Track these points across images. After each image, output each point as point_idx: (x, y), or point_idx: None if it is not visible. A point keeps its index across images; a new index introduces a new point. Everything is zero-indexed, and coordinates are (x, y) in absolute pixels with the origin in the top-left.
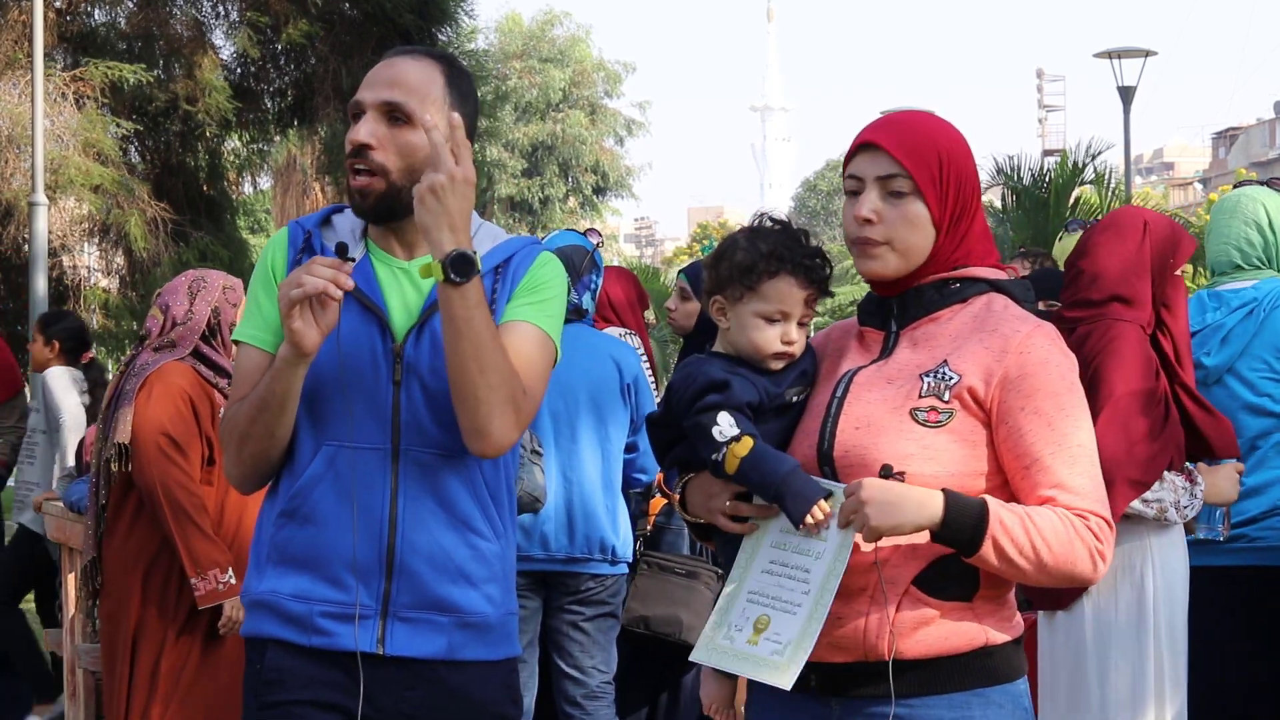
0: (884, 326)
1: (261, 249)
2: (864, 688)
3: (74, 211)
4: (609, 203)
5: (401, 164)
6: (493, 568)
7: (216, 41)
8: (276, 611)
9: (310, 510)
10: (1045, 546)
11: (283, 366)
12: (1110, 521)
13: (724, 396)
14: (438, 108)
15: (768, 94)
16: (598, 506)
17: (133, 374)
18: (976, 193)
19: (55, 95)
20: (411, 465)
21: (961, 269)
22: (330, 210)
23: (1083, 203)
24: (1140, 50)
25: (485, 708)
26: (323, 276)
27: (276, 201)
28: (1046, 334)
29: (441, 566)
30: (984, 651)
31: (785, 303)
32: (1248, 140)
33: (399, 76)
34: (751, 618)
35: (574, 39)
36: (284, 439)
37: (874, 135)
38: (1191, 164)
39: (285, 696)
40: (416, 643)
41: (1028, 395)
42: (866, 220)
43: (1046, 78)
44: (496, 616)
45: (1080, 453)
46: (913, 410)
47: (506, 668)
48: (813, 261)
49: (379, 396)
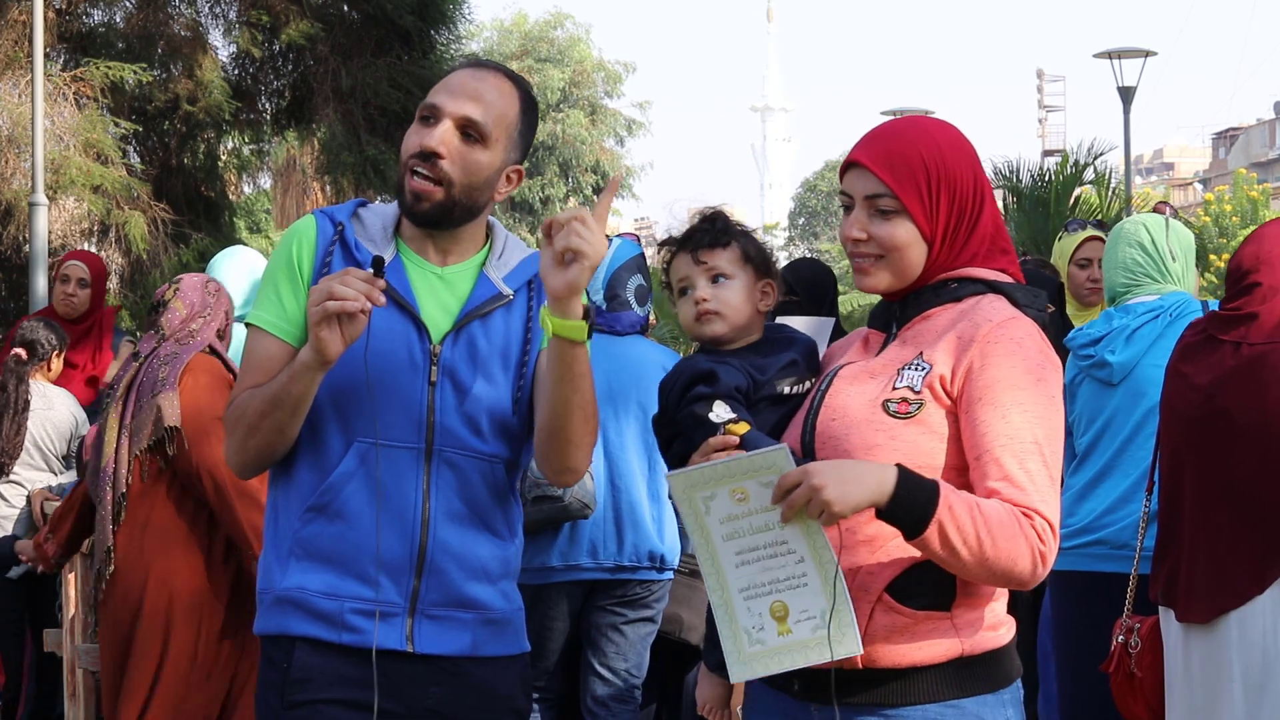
0: (886, 328)
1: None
2: (843, 695)
3: (74, 211)
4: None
5: (465, 180)
6: (508, 566)
7: (215, 42)
8: (305, 608)
9: (341, 506)
10: (990, 539)
11: (302, 370)
12: (1054, 525)
13: (713, 386)
14: (508, 133)
15: (768, 94)
16: (645, 515)
17: (162, 362)
18: (979, 195)
19: (55, 95)
20: (443, 465)
21: (963, 270)
22: (357, 204)
23: (1082, 203)
24: (1140, 50)
25: (504, 701)
26: (358, 291)
27: (276, 202)
28: (1021, 327)
29: (468, 565)
30: (960, 662)
31: (680, 272)
32: (1248, 140)
33: (483, 94)
34: (763, 612)
35: (574, 39)
36: (293, 437)
37: (859, 153)
38: (1191, 164)
39: (314, 695)
40: (443, 640)
41: (987, 386)
42: (856, 239)
43: (1046, 78)
44: (511, 612)
45: (1032, 449)
46: (885, 402)
47: (521, 662)
48: (692, 227)
49: (415, 396)
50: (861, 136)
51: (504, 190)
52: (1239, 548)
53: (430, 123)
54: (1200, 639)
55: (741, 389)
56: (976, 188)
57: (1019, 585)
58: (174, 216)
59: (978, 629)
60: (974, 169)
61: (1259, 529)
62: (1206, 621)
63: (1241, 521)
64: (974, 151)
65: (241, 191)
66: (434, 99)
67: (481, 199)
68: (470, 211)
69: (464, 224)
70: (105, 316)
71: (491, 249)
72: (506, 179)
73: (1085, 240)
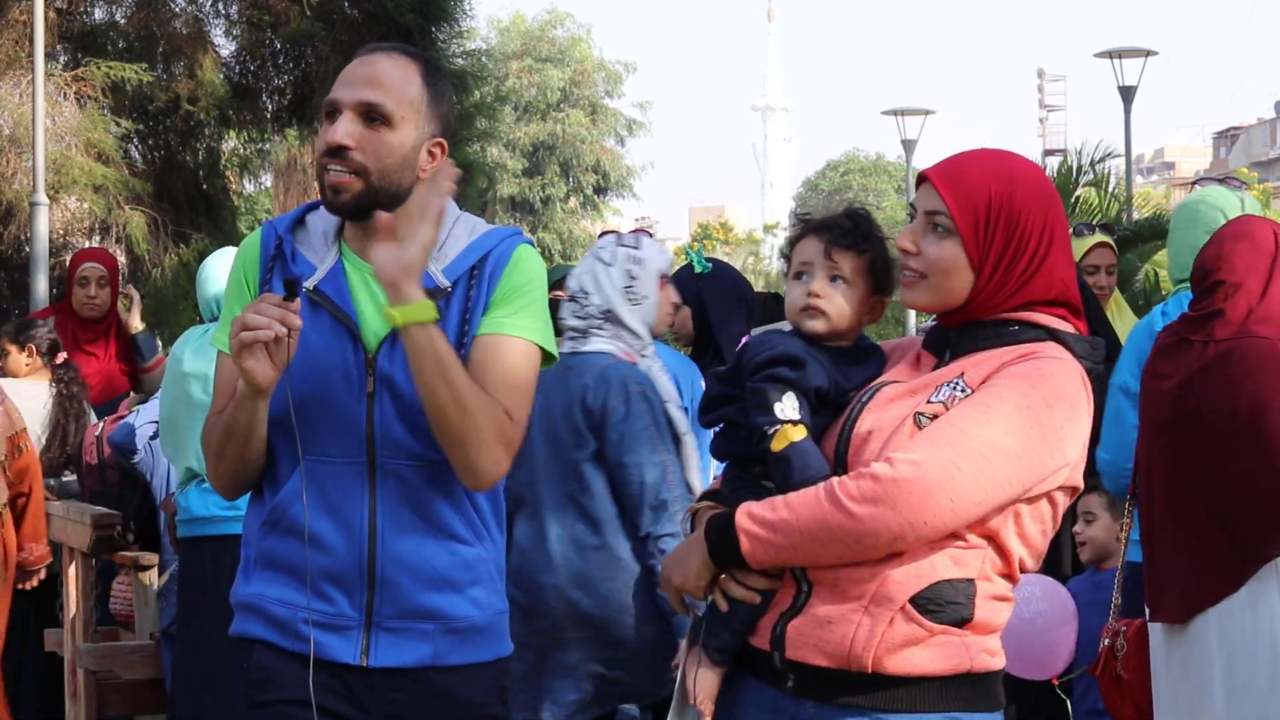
0: (939, 354)
1: None
2: (842, 696)
3: (75, 211)
4: (610, 203)
5: (379, 165)
6: (476, 571)
7: (216, 40)
8: (263, 614)
9: (290, 523)
10: (794, 515)
11: (243, 400)
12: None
13: (798, 375)
14: (415, 109)
15: (768, 94)
16: None
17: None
18: (1046, 238)
19: (56, 95)
20: (389, 478)
21: (1023, 311)
22: (306, 208)
23: (1082, 203)
24: (1141, 50)
25: (473, 709)
26: (271, 317)
27: (277, 201)
28: (1061, 364)
29: (424, 576)
30: (968, 677)
31: (804, 255)
32: (1248, 140)
33: (377, 76)
34: None
35: (574, 39)
36: (258, 460)
37: (933, 169)
38: (1192, 164)
39: (273, 696)
40: (401, 652)
41: (988, 388)
42: (905, 250)
43: (1047, 78)
44: (484, 619)
45: (954, 437)
46: (917, 414)
47: (497, 668)
48: (836, 218)
49: (352, 410)
50: (945, 158)
51: (429, 166)
52: (1213, 547)
53: (334, 118)
54: (1180, 639)
55: (821, 390)
56: (1045, 230)
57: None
58: (175, 216)
59: (982, 649)
60: (1047, 211)
61: (1232, 527)
62: (1182, 621)
63: (1215, 520)
64: (1054, 196)
65: (243, 190)
66: (333, 94)
67: (404, 180)
68: (396, 196)
69: (393, 209)
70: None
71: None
72: (429, 154)
73: (1094, 246)
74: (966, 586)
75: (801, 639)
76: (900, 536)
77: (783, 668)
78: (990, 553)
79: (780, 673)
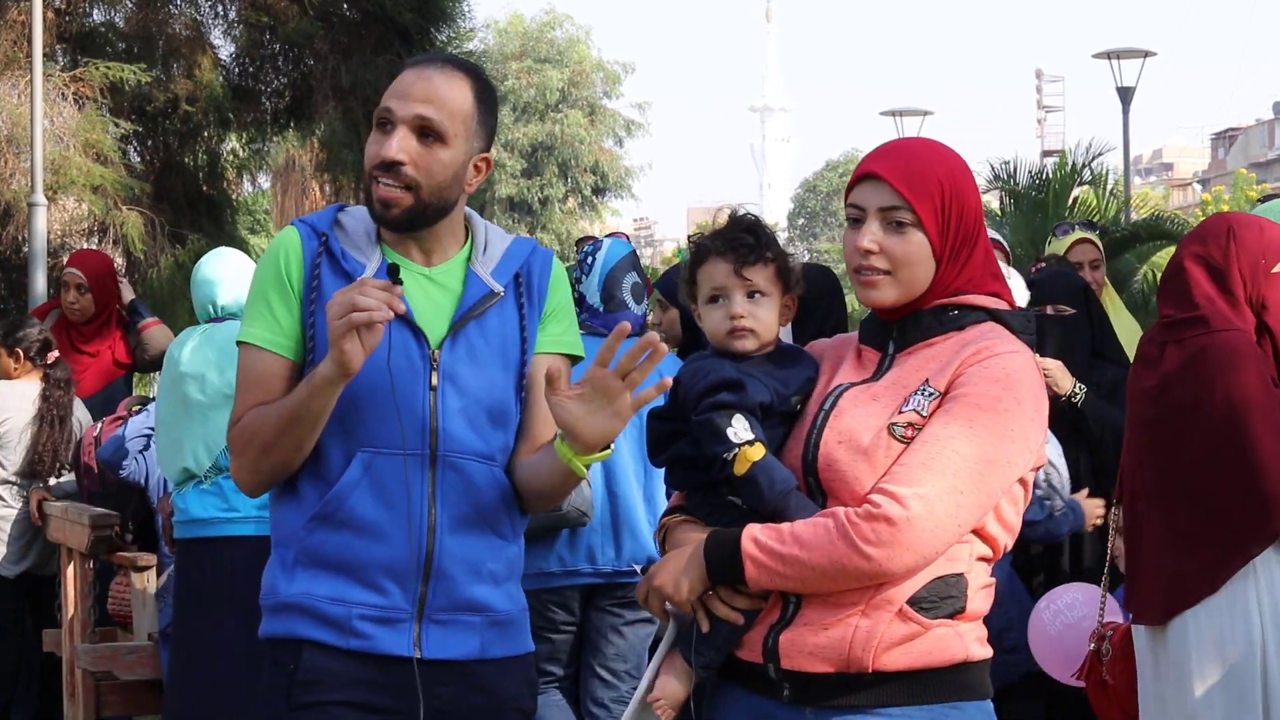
0: (882, 348)
1: (261, 248)
2: (841, 697)
3: (73, 211)
4: (608, 203)
5: (431, 181)
6: (513, 567)
7: (215, 40)
8: (312, 614)
9: (347, 515)
10: (804, 552)
11: (323, 385)
12: (904, 501)
13: (738, 397)
14: (466, 125)
15: (767, 94)
16: (641, 521)
17: None
18: (979, 220)
19: (54, 95)
20: (448, 470)
21: (962, 295)
22: (335, 210)
23: (1081, 204)
24: (1139, 50)
25: (510, 701)
26: (379, 300)
27: (276, 201)
28: (1017, 356)
29: (474, 569)
30: (964, 666)
31: (715, 280)
32: (1247, 141)
33: (433, 92)
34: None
35: (573, 39)
36: (309, 452)
37: (876, 165)
38: (1191, 164)
39: (323, 697)
40: (451, 644)
41: (955, 399)
42: (868, 251)
43: (1045, 78)
44: (516, 613)
45: (950, 460)
46: (891, 426)
47: (526, 662)
48: (735, 234)
49: (416, 402)
50: (872, 150)
51: (474, 181)
52: (1196, 545)
53: (387, 129)
54: (1161, 641)
55: (765, 405)
56: (978, 213)
57: (872, 577)
58: (173, 216)
59: (976, 637)
60: (977, 194)
61: (1214, 525)
62: (1161, 623)
63: (1197, 518)
64: (974, 177)
65: (242, 190)
66: (386, 103)
67: (452, 195)
68: (442, 210)
69: (439, 222)
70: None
71: (474, 244)
72: (474, 169)
73: (1075, 243)
74: (959, 581)
75: (796, 649)
76: (914, 569)
77: (778, 678)
78: (976, 543)
79: (775, 683)
